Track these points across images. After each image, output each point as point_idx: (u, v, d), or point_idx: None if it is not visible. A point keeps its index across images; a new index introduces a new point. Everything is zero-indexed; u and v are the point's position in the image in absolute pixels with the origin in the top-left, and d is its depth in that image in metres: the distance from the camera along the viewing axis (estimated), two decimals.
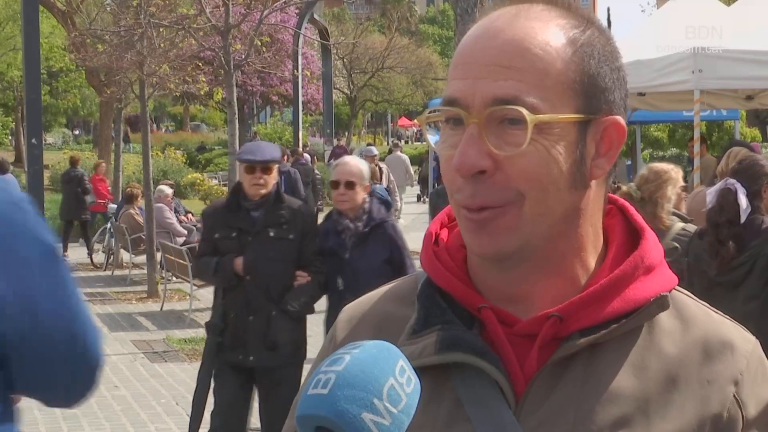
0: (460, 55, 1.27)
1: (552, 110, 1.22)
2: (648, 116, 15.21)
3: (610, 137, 1.28)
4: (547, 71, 1.22)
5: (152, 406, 8.43)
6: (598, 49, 1.27)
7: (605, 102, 1.27)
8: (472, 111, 1.22)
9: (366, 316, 1.38)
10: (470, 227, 1.25)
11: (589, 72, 1.25)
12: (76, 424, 7.98)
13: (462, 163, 1.22)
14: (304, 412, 1.08)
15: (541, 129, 1.21)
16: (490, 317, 1.27)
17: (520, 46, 1.23)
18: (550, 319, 1.25)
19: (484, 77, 1.22)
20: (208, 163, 38.15)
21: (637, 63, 9.08)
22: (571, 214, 1.26)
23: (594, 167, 1.27)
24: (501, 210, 1.22)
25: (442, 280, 1.31)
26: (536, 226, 1.23)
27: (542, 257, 1.26)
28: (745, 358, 1.28)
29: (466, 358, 1.24)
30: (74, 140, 56.12)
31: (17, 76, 34.39)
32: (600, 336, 1.24)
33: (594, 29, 1.29)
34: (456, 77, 1.26)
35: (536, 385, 1.24)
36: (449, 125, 1.26)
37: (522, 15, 1.26)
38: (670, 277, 1.31)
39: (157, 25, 12.89)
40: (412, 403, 1.09)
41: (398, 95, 52.73)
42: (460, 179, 1.24)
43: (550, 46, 1.23)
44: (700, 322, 1.30)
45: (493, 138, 1.22)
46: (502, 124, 1.22)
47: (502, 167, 1.21)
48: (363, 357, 1.09)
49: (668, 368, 1.26)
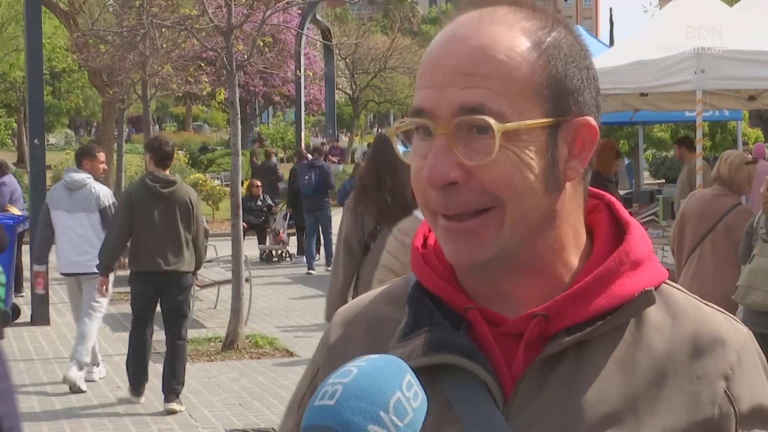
0: (426, 63, 1.26)
1: (519, 116, 1.21)
2: (650, 116, 15.18)
3: (582, 138, 1.26)
4: (512, 77, 1.21)
5: (154, 406, 8.43)
6: (565, 50, 1.26)
7: (575, 103, 1.25)
8: (439, 121, 1.21)
9: (358, 319, 1.38)
10: (448, 237, 1.24)
11: (556, 74, 1.24)
12: (79, 424, 7.99)
13: (432, 175, 1.21)
14: (311, 422, 1.08)
15: (509, 136, 1.20)
16: (476, 318, 1.27)
17: (485, 53, 1.22)
18: (536, 318, 1.24)
19: (450, 86, 1.21)
20: (211, 164, 38.16)
21: (640, 63, 9.07)
22: (548, 216, 1.26)
23: (568, 169, 1.26)
24: (482, 219, 1.22)
25: (430, 283, 1.31)
26: (515, 232, 1.23)
27: (521, 259, 1.26)
28: (735, 352, 1.27)
29: (454, 359, 1.24)
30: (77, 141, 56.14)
31: (20, 76, 34.41)
32: (586, 333, 1.23)
33: (561, 29, 1.27)
34: (422, 86, 1.25)
35: (524, 384, 1.24)
36: (419, 135, 1.25)
37: (486, 20, 1.25)
38: (659, 272, 1.30)
39: (160, 26, 12.90)
40: (418, 418, 1.09)
41: (401, 96, 52.69)
42: (430, 190, 1.23)
43: (514, 51, 1.22)
44: (690, 316, 1.29)
45: (462, 148, 1.21)
46: (471, 133, 1.21)
47: (474, 176, 1.21)
48: (370, 370, 1.09)
49: (657, 364, 1.25)
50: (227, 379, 9.36)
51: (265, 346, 10.50)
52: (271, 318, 12.61)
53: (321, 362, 1.38)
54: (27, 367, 9.86)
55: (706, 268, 6.80)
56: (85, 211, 9.04)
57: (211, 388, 9.02)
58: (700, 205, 6.96)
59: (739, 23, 9.73)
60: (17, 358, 10.31)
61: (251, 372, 9.62)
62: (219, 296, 13.32)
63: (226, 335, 10.58)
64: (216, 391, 8.93)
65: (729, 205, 6.86)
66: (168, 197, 8.18)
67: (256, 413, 8.24)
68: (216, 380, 9.32)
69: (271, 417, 8.06)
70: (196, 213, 8.33)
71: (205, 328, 11.93)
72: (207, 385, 9.15)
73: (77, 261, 8.97)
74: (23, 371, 9.67)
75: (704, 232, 6.85)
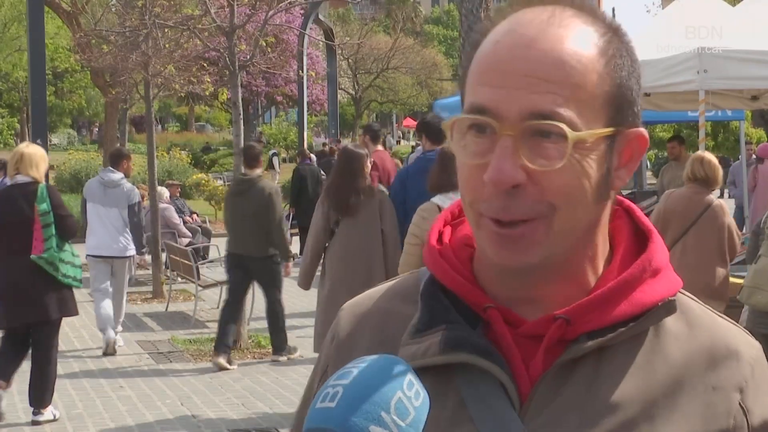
0: (488, 61, 1.23)
1: (586, 124, 1.20)
2: (653, 117, 15.16)
3: (632, 148, 1.27)
4: (582, 84, 1.21)
5: (157, 407, 8.44)
6: (628, 60, 1.26)
7: (632, 114, 1.26)
8: (505, 122, 1.19)
9: (368, 314, 1.36)
10: (498, 240, 1.22)
11: (621, 84, 1.24)
12: (81, 424, 7.99)
13: (498, 176, 1.19)
14: (313, 425, 1.08)
15: (576, 144, 1.20)
16: (496, 317, 1.26)
17: (556, 57, 1.20)
18: (557, 321, 1.24)
19: (520, 88, 1.19)
20: (213, 164, 38.20)
21: (642, 63, 8.97)
22: (592, 225, 1.26)
23: (616, 178, 1.26)
24: (533, 225, 1.21)
25: (448, 279, 1.30)
26: (563, 239, 1.22)
27: (559, 266, 1.26)
28: (749, 365, 1.28)
29: (471, 359, 1.23)
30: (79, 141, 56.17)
31: (22, 76, 34.46)
32: (607, 339, 1.23)
33: (619, 36, 1.27)
34: (485, 84, 1.22)
35: (542, 387, 1.23)
36: (472, 132, 1.23)
37: (555, 22, 1.23)
38: (675, 280, 1.30)
39: (162, 26, 12.89)
40: (420, 417, 1.09)
41: (403, 95, 52.74)
42: (490, 191, 1.21)
43: (584, 57, 1.21)
44: (706, 326, 1.29)
45: (527, 151, 1.19)
46: (535, 137, 1.19)
47: (536, 181, 1.19)
48: (371, 371, 1.09)
49: (674, 372, 1.25)
50: (230, 378, 9.36)
51: (268, 346, 10.49)
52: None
53: (330, 358, 1.36)
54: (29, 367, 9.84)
55: (688, 260, 7.17)
56: (117, 206, 10.66)
57: (214, 388, 9.02)
58: (682, 203, 7.50)
59: (742, 23, 9.73)
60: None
61: (254, 372, 9.62)
62: (222, 296, 13.31)
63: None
64: (218, 391, 8.93)
65: (706, 201, 7.46)
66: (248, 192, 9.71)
67: (258, 413, 8.24)
68: (218, 380, 9.32)
69: (274, 417, 8.06)
70: (273, 205, 9.68)
71: (208, 328, 11.93)
72: (209, 384, 9.16)
73: (111, 246, 10.60)
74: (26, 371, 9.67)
75: (687, 227, 7.37)
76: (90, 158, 29.43)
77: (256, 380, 9.29)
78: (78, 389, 9.00)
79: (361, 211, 7.44)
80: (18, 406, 8.42)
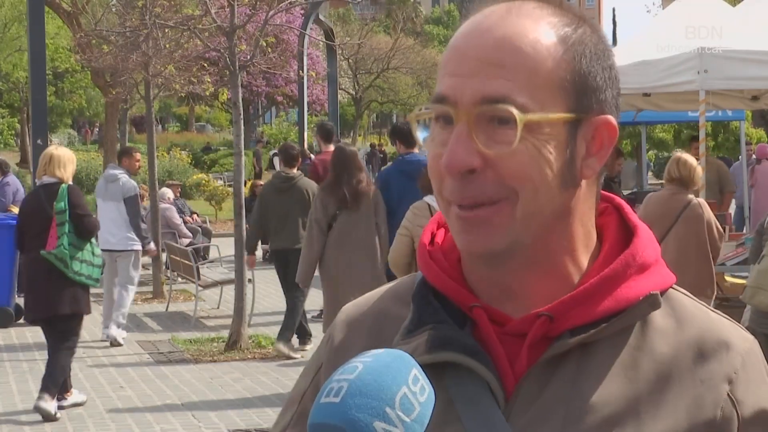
0: (450, 52, 1.26)
1: (542, 109, 1.21)
2: (653, 117, 15.19)
3: (601, 137, 1.27)
4: (537, 70, 1.22)
5: (158, 407, 8.44)
6: (590, 48, 1.26)
7: (596, 101, 1.26)
8: (461, 109, 1.22)
9: (363, 316, 1.38)
10: (461, 225, 1.24)
11: (581, 71, 1.24)
12: (82, 425, 7.99)
13: (451, 161, 1.21)
14: (316, 420, 1.07)
15: (531, 128, 1.21)
16: (481, 316, 1.27)
17: (511, 44, 1.22)
18: (540, 318, 1.24)
19: (474, 75, 1.22)
20: (214, 164, 38.19)
21: (643, 63, 9.07)
22: (561, 212, 1.26)
23: (584, 167, 1.26)
24: (495, 208, 1.22)
25: (436, 280, 1.31)
26: (527, 225, 1.23)
27: (531, 255, 1.26)
28: (740, 356, 1.27)
29: (457, 358, 1.24)
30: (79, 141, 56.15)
31: (23, 76, 34.41)
32: (590, 335, 1.23)
33: (586, 27, 1.28)
34: (446, 74, 1.25)
35: (526, 384, 1.24)
36: (439, 123, 1.26)
37: (513, 12, 1.25)
38: (667, 276, 1.30)
39: (163, 26, 12.89)
40: (425, 413, 1.08)
41: (404, 96, 52.64)
42: (449, 177, 1.23)
43: (540, 44, 1.23)
44: (696, 321, 1.29)
45: (482, 136, 1.21)
46: (492, 122, 1.21)
47: (492, 166, 1.21)
48: (376, 365, 1.08)
49: (660, 368, 1.25)
50: (230, 379, 9.36)
51: (268, 347, 10.49)
52: (273, 318, 12.59)
53: (324, 358, 1.37)
54: (30, 367, 9.87)
55: (669, 258, 7.14)
56: (114, 200, 10.94)
57: (214, 389, 9.02)
58: (661, 204, 7.73)
59: (742, 23, 9.73)
60: (20, 359, 10.32)
61: (254, 372, 9.62)
62: (222, 296, 13.32)
63: (229, 335, 10.58)
64: (219, 392, 8.93)
65: (685, 201, 7.63)
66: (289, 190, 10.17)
67: (258, 413, 8.24)
68: (219, 380, 9.32)
69: (274, 417, 8.01)
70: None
71: (208, 328, 11.94)
72: (210, 385, 9.16)
73: (108, 240, 10.67)
74: (26, 371, 9.68)
75: (668, 228, 7.53)
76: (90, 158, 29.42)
77: (256, 380, 9.29)
78: (78, 389, 8.99)
79: (360, 204, 7.99)
80: (18, 406, 8.43)
